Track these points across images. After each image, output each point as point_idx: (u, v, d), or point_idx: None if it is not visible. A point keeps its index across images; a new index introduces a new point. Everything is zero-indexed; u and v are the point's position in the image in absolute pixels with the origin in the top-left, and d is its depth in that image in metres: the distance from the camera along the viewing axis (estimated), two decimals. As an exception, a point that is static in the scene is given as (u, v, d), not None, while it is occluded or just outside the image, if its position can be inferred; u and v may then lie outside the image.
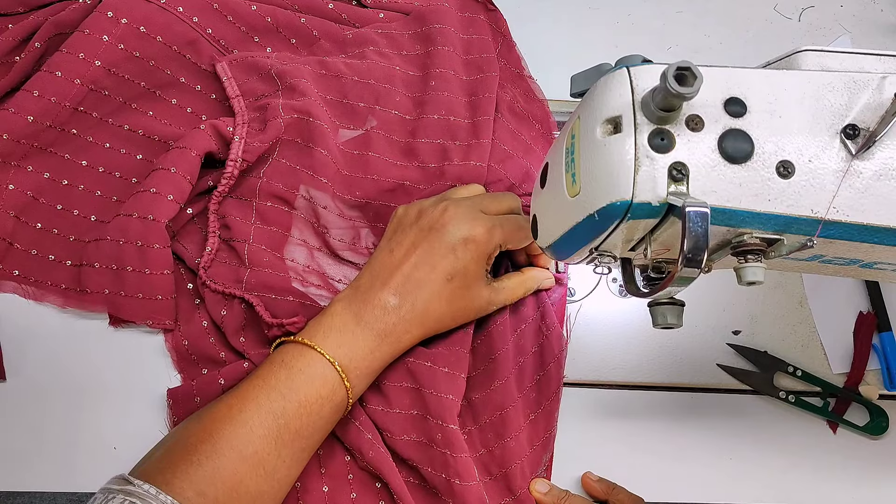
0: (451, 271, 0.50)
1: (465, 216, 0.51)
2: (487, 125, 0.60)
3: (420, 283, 0.50)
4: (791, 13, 0.71)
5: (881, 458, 0.58)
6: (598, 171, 0.38)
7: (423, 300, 0.50)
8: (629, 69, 0.38)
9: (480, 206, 0.52)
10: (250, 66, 0.60)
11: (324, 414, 0.47)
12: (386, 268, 0.50)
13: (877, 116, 0.37)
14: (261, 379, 0.47)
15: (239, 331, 0.54)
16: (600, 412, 0.57)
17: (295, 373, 0.46)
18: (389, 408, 0.52)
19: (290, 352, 0.48)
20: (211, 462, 0.43)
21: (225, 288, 0.54)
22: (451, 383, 0.52)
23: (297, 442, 0.46)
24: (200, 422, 0.45)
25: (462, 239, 0.50)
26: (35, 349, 0.54)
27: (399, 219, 0.53)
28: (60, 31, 0.57)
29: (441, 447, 0.50)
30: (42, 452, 0.52)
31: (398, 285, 0.49)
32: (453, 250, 0.50)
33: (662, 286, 0.39)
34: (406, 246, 0.51)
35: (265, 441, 0.45)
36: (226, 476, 0.43)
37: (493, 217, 0.52)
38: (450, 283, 0.50)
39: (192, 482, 0.42)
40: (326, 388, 0.47)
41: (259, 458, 0.44)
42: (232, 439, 0.44)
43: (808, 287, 0.62)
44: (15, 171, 0.56)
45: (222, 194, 0.56)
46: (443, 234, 0.50)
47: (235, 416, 0.45)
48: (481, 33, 0.65)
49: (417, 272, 0.50)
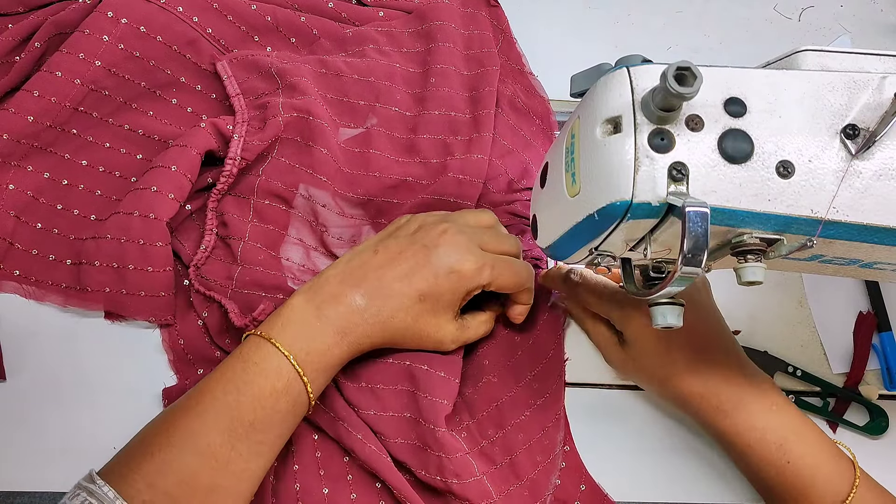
0: (426, 292, 0.49)
1: (460, 246, 0.50)
2: (489, 119, 0.60)
3: (392, 292, 0.49)
4: (791, 13, 0.71)
5: (881, 458, 0.58)
6: (598, 170, 0.38)
7: (389, 308, 0.49)
8: (629, 69, 0.38)
9: (480, 240, 0.51)
10: (250, 65, 0.60)
11: (280, 408, 0.46)
12: (363, 267, 0.49)
13: (877, 116, 0.37)
14: (219, 372, 0.46)
15: (222, 332, 0.54)
16: (600, 412, 0.57)
17: (250, 365, 0.46)
18: (383, 411, 0.51)
19: (248, 345, 0.47)
20: (162, 454, 0.42)
21: (207, 290, 0.54)
22: (445, 387, 0.51)
23: (253, 435, 0.45)
24: (163, 416, 0.45)
25: (448, 266, 0.49)
26: (35, 349, 0.54)
27: (398, 226, 0.53)
28: (60, 31, 0.57)
29: (435, 450, 0.49)
30: (42, 452, 0.52)
31: (370, 288, 0.48)
32: (436, 274, 0.49)
33: (662, 286, 0.39)
34: (392, 253, 0.50)
35: (218, 433, 0.44)
36: (176, 467, 0.42)
37: (487, 255, 0.51)
38: (420, 303, 0.49)
39: (143, 474, 0.42)
40: (281, 381, 0.46)
41: (212, 450, 0.43)
42: (185, 431, 0.43)
43: (808, 287, 0.62)
44: (15, 171, 0.56)
45: (221, 192, 0.56)
46: (432, 254, 0.49)
47: (192, 407, 0.44)
48: (482, 29, 0.65)
49: (393, 281, 0.49)
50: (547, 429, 0.54)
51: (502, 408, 0.54)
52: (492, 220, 0.55)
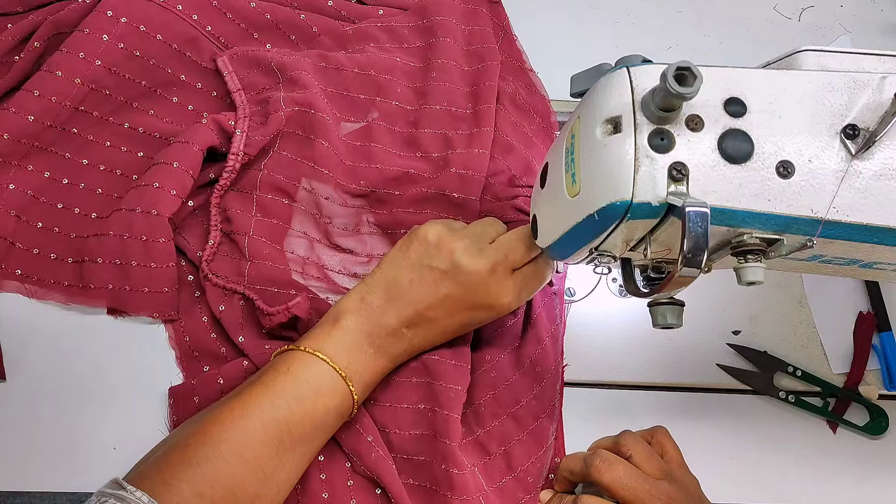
0: (466, 323, 0.52)
1: (499, 284, 0.50)
2: (489, 113, 0.60)
3: (434, 323, 0.51)
4: (791, 13, 0.71)
5: (881, 458, 0.58)
6: (597, 171, 0.38)
7: (433, 334, 0.51)
8: (629, 69, 0.38)
9: (513, 262, 0.51)
10: (251, 60, 0.60)
11: (328, 421, 0.48)
12: (403, 298, 0.50)
13: (877, 116, 0.37)
14: (264, 386, 0.47)
15: (237, 327, 0.54)
16: (600, 412, 0.57)
17: (302, 383, 0.47)
18: (399, 403, 0.53)
19: (295, 361, 0.48)
20: (210, 464, 0.43)
21: (226, 283, 0.54)
22: (458, 374, 0.52)
23: (300, 447, 0.46)
24: (201, 425, 0.45)
25: (488, 304, 0.51)
26: (36, 349, 0.54)
27: (427, 248, 0.51)
28: (60, 30, 0.57)
29: (443, 437, 0.50)
30: (42, 452, 0.52)
31: (412, 319, 0.50)
32: (475, 308, 0.51)
33: (662, 286, 0.39)
34: (429, 285, 0.50)
35: (267, 446, 0.45)
36: (224, 479, 0.43)
37: (520, 282, 0.51)
38: (461, 328, 0.53)
39: (190, 483, 0.42)
40: (335, 400, 0.48)
41: (260, 462, 0.44)
42: (233, 443, 0.44)
43: (808, 287, 0.62)
44: (16, 171, 0.56)
45: (224, 188, 0.56)
46: (471, 292, 0.50)
47: (237, 420, 0.45)
48: (483, 25, 0.65)
49: (435, 314, 0.50)
50: (541, 419, 0.55)
51: (499, 396, 0.54)
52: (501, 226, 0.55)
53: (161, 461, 0.44)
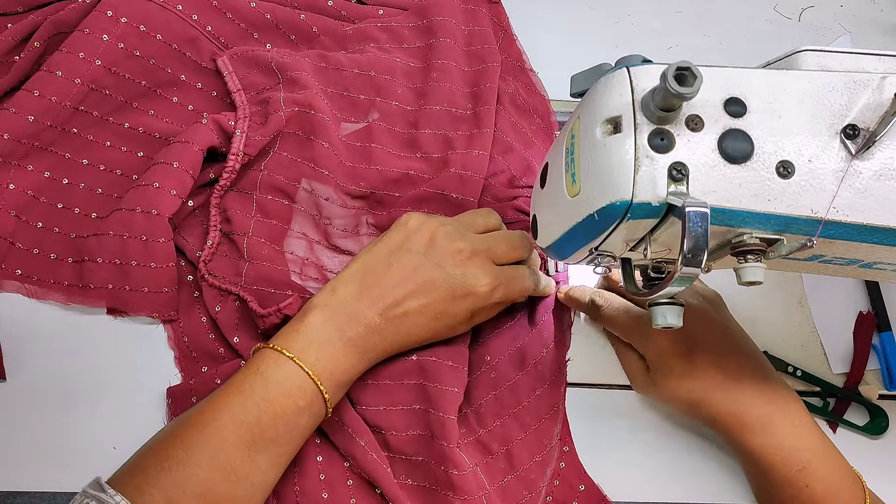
0: (442, 312, 0.50)
1: (475, 266, 0.50)
2: (489, 114, 0.60)
3: (409, 313, 0.49)
4: (791, 13, 0.71)
5: (881, 458, 0.58)
6: (597, 171, 0.38)
7: (407, 327, 0.50)
8: (629, 69, 0.38)
9: (494, 254, 0.51)
10: (251, 60, 0.60)
11: (301, 423, 0.47)
12: (379, 285, 0.49)
13: (877, 116, 0.37)
14: (235, 387, 0.46)
15: (232, 327, 0.54)
16: (600, 412, 0.57)
17: (272, 384, 0.46)
18: (392, 405, 0.52)
19: (266, 361, 0.47)
20: (181, 468, 0.42)
21: (222, 283, 0.54)
22: (454, 376, 0.52)
23: (273, 448, 0.46)
24: (173, 428, 0.45)
25: (465, 289, 0.50)
26: (35, 349, 0.54)
27: (407, 233, 0.51)
28: (60, 30, 0.57)
29: (440, 439, 0.50)
30: (42, 452, 0.52)
31: (387, 308, 0.49)
32: (453, 295, 0.50)
33: (662, 286, 0.39)
34: (406, 270, 0.49)
35: (238, 449, 0.44)
36: (196, 482, 0.42)
37: (500, 273, 0.51)
38: (436, 320, 0.50)
39: (161, 488, 0.42)
40: (305, 399, 0.46)
41: (232, 464, 0.44)
42: (204, 446, 0.43)
43: (808, 287, 0.62)
44: (16, 171, 0.56)
45: (224, 188, 0.56)
46: (448, 275, 0.50)
47: (209, 423, 0.44)
48: (483, 25, 0.65)
49: (410, 302, 0.49)
50: (544, 420, 0.55)
51: (501, 396, 0.54)
52: (498, 222, 0.55)
53: (135, 466, 0.44)
